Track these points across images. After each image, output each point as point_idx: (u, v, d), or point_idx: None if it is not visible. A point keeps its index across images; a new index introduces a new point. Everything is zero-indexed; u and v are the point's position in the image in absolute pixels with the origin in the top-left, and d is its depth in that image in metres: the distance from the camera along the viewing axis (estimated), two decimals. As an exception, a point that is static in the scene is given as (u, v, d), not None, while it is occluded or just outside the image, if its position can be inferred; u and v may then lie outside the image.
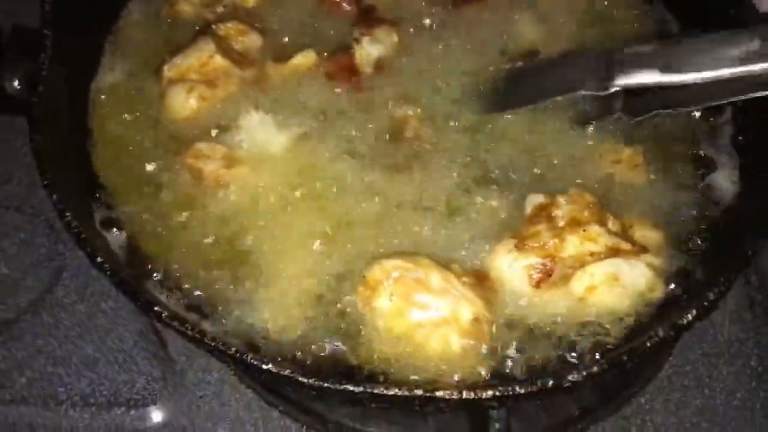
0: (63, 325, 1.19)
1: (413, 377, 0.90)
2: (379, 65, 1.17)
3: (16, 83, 1.03)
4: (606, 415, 1.12)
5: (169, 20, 1.24)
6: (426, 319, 0.92)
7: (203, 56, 1.12)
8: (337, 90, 1.14)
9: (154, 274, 0.98)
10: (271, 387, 1.13)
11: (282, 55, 1.16)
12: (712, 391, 1.16)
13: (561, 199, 0.98)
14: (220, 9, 1.23)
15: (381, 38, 1.18)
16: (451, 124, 1.11)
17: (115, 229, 1.02)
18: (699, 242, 1.01)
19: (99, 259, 0.87)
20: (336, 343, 0.93)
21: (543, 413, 1.07)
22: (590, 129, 1.09)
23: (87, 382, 1.14)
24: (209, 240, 1.01)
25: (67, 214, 0.90)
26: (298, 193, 1.04)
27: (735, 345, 1.20)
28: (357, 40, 1.17)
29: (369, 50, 1.17)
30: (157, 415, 1.13)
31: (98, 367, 1.16)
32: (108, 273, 0.87)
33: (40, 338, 1.18)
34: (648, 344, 0.83)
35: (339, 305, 0.95)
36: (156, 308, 0.84)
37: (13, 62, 1.04)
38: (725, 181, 1.07)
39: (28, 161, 1.34)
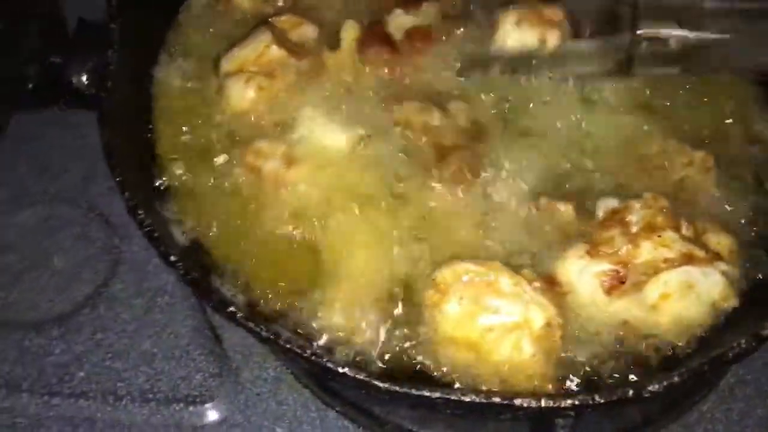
0: (120, 319, 1.20)
1: (484, 383, 0.89)
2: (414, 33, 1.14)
3: (84, 78, 1.03)
4: (668, 422, 1.10)
5: (227, 14, 1.23)
6: (497, 323, 0.91)
7: (260, 47, 1.12)
8: (390, 78, 1.12)
9: (220, 273, 0.97)
10: (329, 387, 1.12)
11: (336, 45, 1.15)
12: (774, 401, 1.15)
13: (636, 204, 0.96)
14: (280, 3, 1.22)
15: (421, 13, 1.16)
16: (513, 124, 1.09)
17: (180, 226, 1.01)
18: (771, 248, 0.99)
19: (172, 258, 0.86)
20: (404, 347, 0.92)
21: (606, 421, 1.06)
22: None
23: (145, 377, 1.14)
24: (273, 239, 1.00)
25: (140, 211, 0.89)
26: (360, 194, 1.03)
27: (798, 354, 1.18)
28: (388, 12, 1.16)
29: (401, 20, 1.15)
30: (214, 413, 1.13)
31: (155, 362, 1.16)
32: (181, 272, 0.86)
33: (98, 332, 1.18)
34: (730, 355, 0.82)
35: (408, 308, 0.94)
36: (231, 309, 0.84)
37: (80, 57, 1.04)
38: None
39: (83, 154, 1.37)
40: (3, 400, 1.12)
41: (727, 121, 1.11)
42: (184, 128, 1.10)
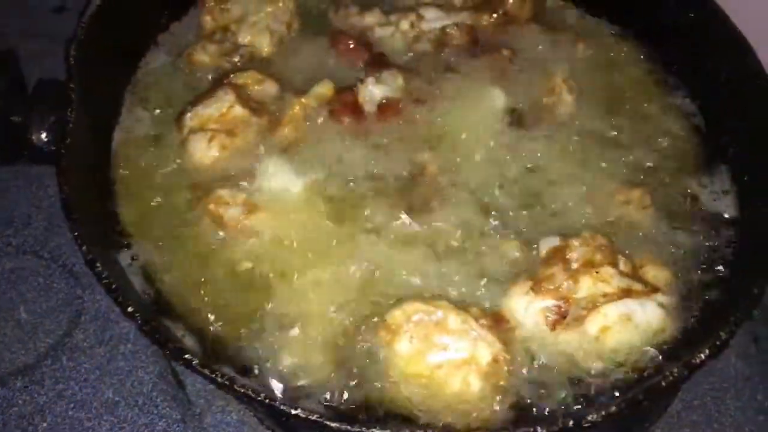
0: (83, 369, 1.20)
1: (437, 417, 0.92)
2: (385, 108, 1.21)
3: (43, 135, 1.06)
4: (619, 450, 1.14)
5: (186, 69, 1.28)
6: (446, 360, 0.94)
7: (223, 106, 1.16)
8: (349, 134, 1.18)
9: (179, 318, 1.00)
10: (291, 429, 1.15)
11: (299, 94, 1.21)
12: (720, 426, 1.18)
13: (575, 242, 1.01)
14: (236, 58, 1.27)
15: (387, 80, 1.22)
16: (462, 169, 1.15)
17: (139, 275, 1.04)
18: (708, 281, 1.04)
19: (130, 309, 0.89)
20: (359, 386, 0.95)
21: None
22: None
23: (108, 426, 1.15)
24: (232, 284, 1.04)
25: (98, 264, 0.92)
26: (316, 239, 1.07)
27: (741, 380, 1.23)
28: (362, 80, 1.21)
29: (372, 90, 1.21)
30: (177, 459, 1.14)
31: (119, 410, 1.17)
32: (139, 322, 0.89)
33: (60, 382, 1.19)
34: (663, 383, 0.86)
35: (361, 348, 0.98)
36: (186, 356, 0.87)
37: (39, 115, 1.08)
38: (728, 217, 1.12)
39: (46, 206, 1.39)
40: (-34, 454, 1.12)
41: (665, 161, 1.18)
42: (144, 179, 1.14)
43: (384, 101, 1.21)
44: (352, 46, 1.28)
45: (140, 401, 1.18)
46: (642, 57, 1.33)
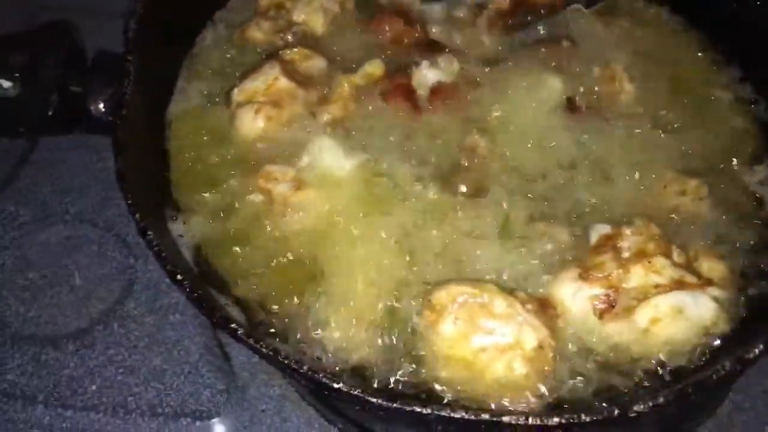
0: (133, 336, 1.24)
1: (478, 400, 0.91)
2: (438, 91, 1.19)
3: (101, 105, 1.09)
4: (664, 449, 1.12)
5: (240, 47, 1.28)
6: (490, 344, 0.93)
7: (269, 79, 1.17)
8: (400, 115, 1.17)
9: (227, 291, 1.01)
10: (332, 405, 1.16)
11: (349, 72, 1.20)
12: (772, 428, 1.15)
13: (627, 231, 0.99)
14: (289, 36, 1.28)
15: (442, 65, 1.21)
16: (514, 154, 1.13)
17: (189, 247, 1.06)
18: (763, 276, 1.01)
19: (179, 277, 0.91)
20: (401, 365, 0.95)
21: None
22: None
23: (155, 392, 1.19)
24: (279, 259, 1.04)
25: (149, 233, 0.94)
26: (364, 217, 1.07)
27: (796, 381, 1.19)
28: (416, 63, 1.20)
29: (427, 74, 1.20)
30: (220, 428, 1.16)
31: (165, 378, 1.20)
32: (187, 290, 0.90)
33: (111, 348, 1.23)
34: (714, 377, 0.84)
35: (405, 327, 0.97)
36: (232, 325, 0.88)
37: (98, 86, 1.10)
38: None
39: (103, 177, 1.43)
40: (19, 412, 1.16)
41: (724, 153, 1.14)
42: (196, 154, 1.15)
43: (437, 85, 1.19)
44: (396, 23, 1.27)
45: (186, 370, 1.21)
46: (703, 47, 1.29)
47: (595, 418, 0.81)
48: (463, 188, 1.10)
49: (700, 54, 1.27)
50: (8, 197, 1.41)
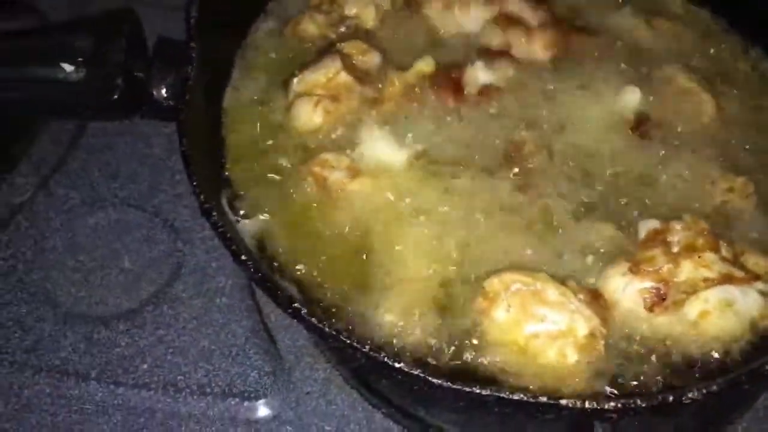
0: (182, 318, 1.27)
1: (529, 385, 0.94)
2: (485, 91, 1.22)
3: (164, 91, 1.12)
4: (703, 440, 1.14)
5: (293, 38, 1.31)
6: (542, 330, 0.96)
7: (330, 72, 1.19)
8: (452, 109, 1.20)
9: (284, 273, 1.04)
10: (375, 389, 1.18)
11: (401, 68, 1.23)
12: (809, 423, 1.17)
13: (677, 226, 1.01)
14: (342, 29, 1.30)
15: (497, 69, 1.23)
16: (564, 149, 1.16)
17: (245, 231, 1.09)
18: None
19: (243, 257, 0.94)
20: (453, 349, 0.98)
21: (642, 435, 1.09)
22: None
23: (203, 372, 1.21)
24: (334, 244, 1.07)
25: (214, 213, 0.97)
26: (417, 205, 1.09)
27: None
28: (472, 62, 1.23)
29: (479, 75, 1.22)
30: (266, 409, 1.19)
31: (213, 359, 1.23)
32: (251, 270, 0.93)
33: (160, 328, 1.26)
34: (766, 366, 0.86)
35: (457, 313, 1.00)
36: (295, 305, 0.90)
37: (160, 72, 1.13)
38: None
39: (150, 163, 1.47)
40: (72, 388, 1.19)
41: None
42: (252, 140, 1.18)
43: (486, 86, 1.21)
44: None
45: (234, 352, 1.24)
46: (748, 51, 1.31)
47: (650, 404, 0.83)
48: (512, 181, 1.12)
49: (746, 57, 1.29)
50: (58, 182, 1.45)
